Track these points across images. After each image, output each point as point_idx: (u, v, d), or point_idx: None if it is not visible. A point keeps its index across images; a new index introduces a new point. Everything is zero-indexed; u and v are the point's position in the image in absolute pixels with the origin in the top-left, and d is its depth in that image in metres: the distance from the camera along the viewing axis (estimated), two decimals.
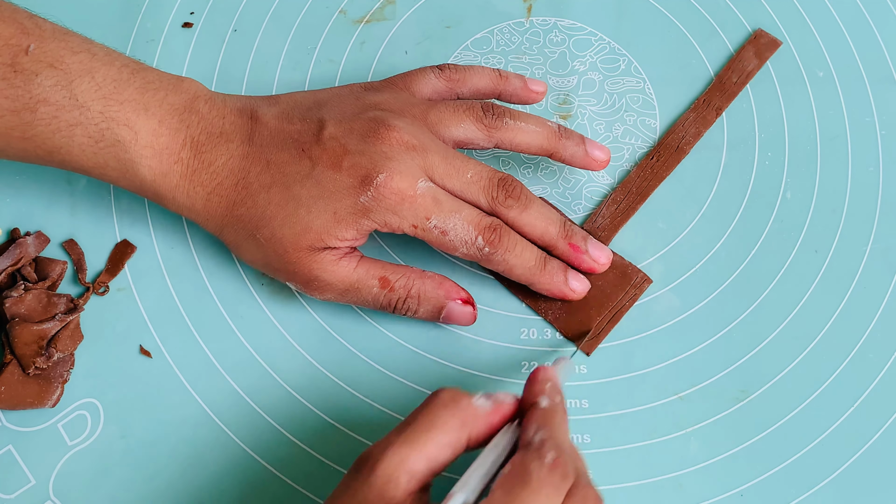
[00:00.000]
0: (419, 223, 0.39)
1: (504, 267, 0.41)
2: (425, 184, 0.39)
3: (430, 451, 0.33)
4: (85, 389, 0.42)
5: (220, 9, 0.51)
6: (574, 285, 0.42)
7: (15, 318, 0.41)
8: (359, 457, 0.33)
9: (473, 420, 0.34)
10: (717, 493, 0.40)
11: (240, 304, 0.44)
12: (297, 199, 0.39)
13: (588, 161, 0.44)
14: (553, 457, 0.32)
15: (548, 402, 0.35)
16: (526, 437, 0.33)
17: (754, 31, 0.50)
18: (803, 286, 0.45)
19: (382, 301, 0.41)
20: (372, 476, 0.32)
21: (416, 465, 0.32)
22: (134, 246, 0.45)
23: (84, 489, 0.40)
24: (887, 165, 0.47)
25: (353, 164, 0.39)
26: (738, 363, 0.43)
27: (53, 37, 0.39)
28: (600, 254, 0.43)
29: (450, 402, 0.34)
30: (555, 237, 0.41)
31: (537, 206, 0.41)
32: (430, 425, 0.33)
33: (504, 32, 0.51)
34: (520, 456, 0.32)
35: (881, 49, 0.50)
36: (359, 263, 0.40)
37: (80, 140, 0.39)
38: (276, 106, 0.42)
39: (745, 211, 0.46)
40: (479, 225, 0.40)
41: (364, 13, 0.51)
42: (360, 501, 0.32)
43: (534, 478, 0.31)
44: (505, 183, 0.40)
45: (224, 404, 0.42)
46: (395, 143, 0.39)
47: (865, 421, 0.42)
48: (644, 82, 0.49)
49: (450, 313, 0.41)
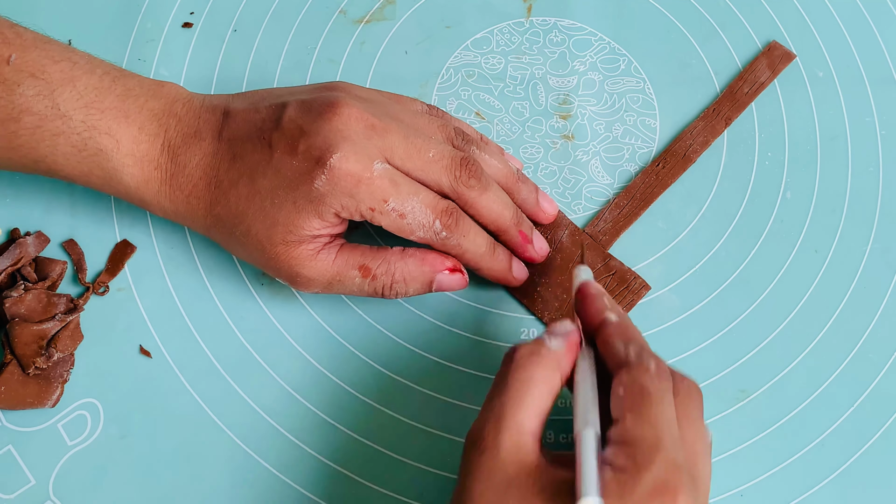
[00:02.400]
0: (376, 206, 0.38)
1: (457, 251, 0.41)
2: (381, 165, 0.38)
3: (538, 407, 0.34)
4: (85, 389, 0.42)
5: (220, 9, 0.51)
6: (517, 271, 0.43)
7: (15, 318, 0.41)
8: (470, 440, 0.34)
9: (559, 362, 0.35)
10: (717, 493, 0.40)
11: (240, 304, 0.44)
12: (262, 192, 0.39)
13: (536, 210, 0.44)
14: (655, 365, 0.33)
15: (616, 316, 0.36)
16: (618, 355, 0.34)
17: (768, 42, 0.50)
18: (803, 286, 0.45)
19: (368, 290, 0.41)
20: (501, 452, 0.32)
21: (533, 424, 0.33)
22: (134, 246, 0.45)
23: (84, 489, 0.40)
24: (887, 165, 0.47)
25: (308, 147, 0.38)
26: (738, 363, 0.43)
27: (35, 46, 0.39)
28: (542, 245, 0.43)
29: (532, 355, 0.35)
30: (508, 222, 0.42)
31: (495, 189, 0.41)
32: (529, 383, 0.34)
33: (504, 32, 0.51)
34: (628, 375, 0.33)
35: (881, 49, 0.50)
36: (338, 255, 0.40)
37: (64, 149, 0.39)
38: (247, 99, 0.42)
39: (745, 211, 0.46)
40: (436, 208, 0.39)
41: (364, 13, 0.51)
42: (502, 480, 0.32)
43: (653, 392, 0.32)
44: (467, 163, 0.40)
45: (224, 404, 0.42)
46: (353, 120, 0.39)
47: (865, 421, 0.42)
48: (644, 82, 0.49)
49: (440, 286, 0.41)
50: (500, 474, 0.32)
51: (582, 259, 0.42)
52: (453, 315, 0.44)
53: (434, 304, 0.44)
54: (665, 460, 0.30)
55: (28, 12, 0.50)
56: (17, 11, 0.49)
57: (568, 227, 0.45)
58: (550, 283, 0.44)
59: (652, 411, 0.32)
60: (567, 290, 0.44)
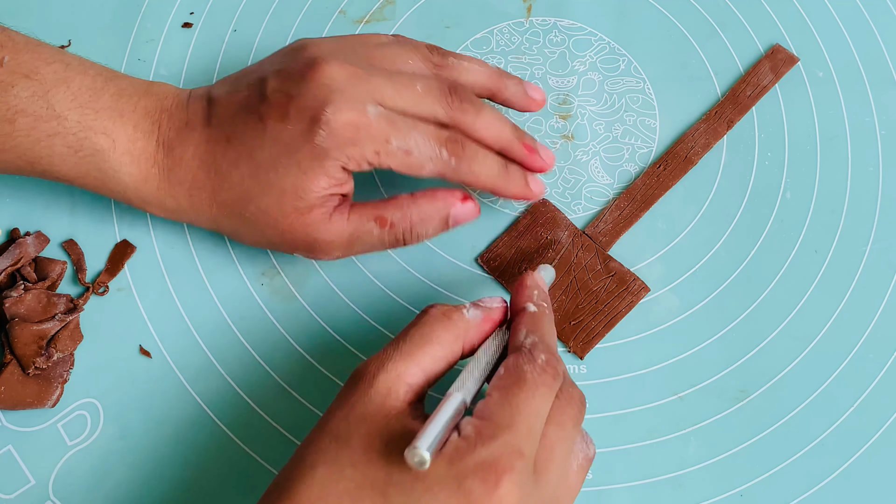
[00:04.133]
0: (380, 148, 0.39)
1: (471, 178, 0.41)
2: (375, 108, 0.38)
3: (426, 364, 0.34)
4: (85, 389, 0.42)
5: (220, 9, 0.51)
6: (534, 186, 0.43)
7: (15, 318, 0.41)
8: (354, 371, 0.34)
9: (466, 332, 0.36)
10: (717, 493, 0.40)
11: (240, 304, 0.44)
12: (264, 165, 0.39)
13: (527, 101, 0.44)
14: (545, 358, 0.34)
15: (535, 308, 0.36)
16: (517, 341, 0.35)
17: (768, 42, 0.50)
18: (803, 286, 0.45)
19: (388, 240, 0.41)
20: (371, 389, 0.33)
21: (414, 378, 0.34)
22: (134, 246, 0.45)
23: (84, 489, 0.40)
24: (887, 165, 0.47)
25: (298, 109, 0.38)
26: (737, 363, 0.43)
27: (27, 48, 0.39)
28: (547, 153, 0.43)
29: (442, 316, 0.35)
30: (510, 137, 0.42)
31: (489, 109, 0.41)
32: (426, 340, 0.35)
33: (504, 32, 0.51)
34: (513, 359, 0.34)
35: (881, 50, 0.50)
36: (350, 213, 0.40)
37: (60, 150, 0.39)
38: (227, 82, 0.42)
39: (745, 211, 0.46)
40: (439, 138, 0.40)
41: (364, 13, 0.51)
42: (360, 413, 0.33)
43: (528, 378, 0.33)
44: (456, 88, 0.41)
45: (224, 404, 0.42)
46: (336, 74, 0.39)
47: (865, 421, 0.42)
48: (644, 82, 0.49)
49: (455, 219, 0.41)
50: (360, 408, 0.33)
51: (554, 262, 0.43)
52: None
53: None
54: (507, 443, 0.31)
55: (28, 13, 0.50)
56: (17, 11, 0.50)
57: (568, 228, 0.45)
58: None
59: (519, 396, 0.32)
60: (568, 293, 0.44)
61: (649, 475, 0.41)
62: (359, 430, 0.32)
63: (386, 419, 0.33)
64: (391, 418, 0.33)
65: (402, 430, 0.32)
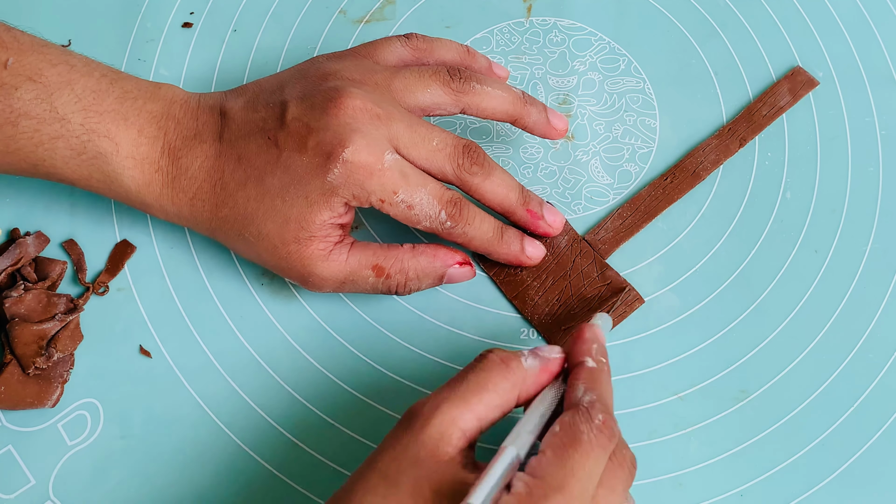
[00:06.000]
0: (386, 197, 0.39)
1: (463, 240, 0.41)
2: (392, 156, 0.39)
3: (480, 411, 0.33)
4: (85, 389, 0.42)
5: (220, 9, 0.51)
6: (530, 252, 0.43)
7: (15, 318, 0.41)
8: (408, 412, 0.34)
9: (523, 381, 0.35)
10: (717, 493, 0.40)
11: (240, 304, 0.44)
12: (272, 191, 0.39)
13: (548, 129, 0.44)
14: (602, 419, 0.33)
15: (594, 363, 0.36)
16: (574, 397, 0.34)
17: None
18: (803, 286, 0.45)
19: (381, 288, 0.41)
20: (424, 432, 0.32)
21: (468, 424, 0.33)
22: (134, 246, 0.45)
23: (84, 489, 0.40)
24: (887, 165, 0.47)
25: (317, 143, 0.38)
26: (737, 363, 0.43)
27: (32, 49, 0.39)
28: (555, 218, 0.44)
29: (501, 363, 0.35)
30: (514, 203, 0.42)
31: (499, 173, 0.41)
32: (482, 386, 0.34)
33: (504, 32, 0.51)
34: (570, 416, 0.33)
35: (881, 50, 0.50)
36: (349, 254, 0.40)
37: (63, 153, 0.39)
38: (242, 96, 0.42)
39: (745, 211, 0.46)
40: (441, 199, 0.40)
41: (364, 13, 0.51)
42: (412, 455, 0.32)
43: (584, 439, 0.32)
44: (469, 150, 0.41)
45: (224, 404, 0.42)
46: (358, 113, 0.39)
47: (865, 421, 0.42)
48: (644, 82, 0.49)
49: (450, 279, 0.42)
50: (412, 452, 0.32)
51: (611, 308, 0.42)
52: (454, 315, 0.44)
53: (434, 305, 0.44)
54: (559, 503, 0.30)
55: (28, 13, 0.50)
56: (17, 12, 0.50)
57: (568, 234, 0.45)
58: (542, 287, 0.44)
59: (574, 457, 0.31)
60: (561, 298, 0.43)
61: (649, 475, 0.41)
62: (409, 473, 0.32)
63: (437, 465, 0.32)
64: (442, 464, 0.32)
65: (453, 479, 0.32)
